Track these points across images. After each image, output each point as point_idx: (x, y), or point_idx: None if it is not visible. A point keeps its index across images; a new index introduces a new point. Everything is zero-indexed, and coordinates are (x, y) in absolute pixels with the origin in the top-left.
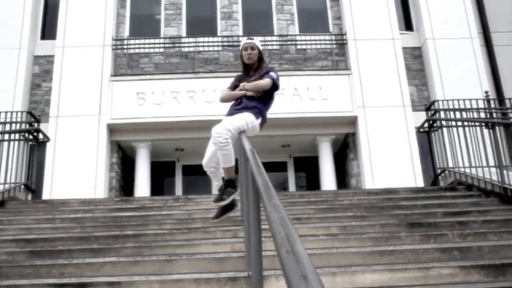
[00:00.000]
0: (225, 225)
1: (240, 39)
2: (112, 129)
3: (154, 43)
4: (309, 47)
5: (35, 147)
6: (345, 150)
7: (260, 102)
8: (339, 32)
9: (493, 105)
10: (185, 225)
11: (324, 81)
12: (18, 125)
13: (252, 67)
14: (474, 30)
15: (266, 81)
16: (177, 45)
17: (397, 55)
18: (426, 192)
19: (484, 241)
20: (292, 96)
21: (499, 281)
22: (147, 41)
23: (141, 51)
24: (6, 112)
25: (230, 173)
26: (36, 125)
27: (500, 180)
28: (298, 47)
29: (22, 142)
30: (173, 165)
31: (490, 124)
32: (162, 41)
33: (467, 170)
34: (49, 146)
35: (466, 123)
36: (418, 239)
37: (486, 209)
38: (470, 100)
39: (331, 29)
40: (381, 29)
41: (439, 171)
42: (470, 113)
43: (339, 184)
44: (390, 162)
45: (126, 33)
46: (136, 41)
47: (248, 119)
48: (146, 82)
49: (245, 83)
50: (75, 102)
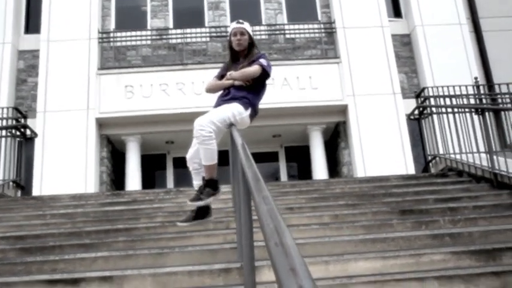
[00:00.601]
0: (217, 217)
1: (228, 30)
2: (101, 123)
3: (141, 35)
4: (297, 36)
5: (23, 143)
6: (336, 139)
7: (250, 91)
8: (328, 20)
9: (482, 91)
10: (177, 218)
11: (313, 70)
12: (4, 121)
13: (242, 54)
14: (463, 16)
15: (254, 68)
16: (164, 37)
17: (386, 42)
18: (417, 179)
19: (474, 226)
20: (282, 86)
21: (490, 266)
22: (133, 33)
23: (128, 43)
24: None
25: (212, 172)
26: (23, 121)
27: (490, 165)
28: (287, 36)
29: (10, 139)
30: (164, 158)
31: (479, 110)
32: (149, 33)
33: (458, 156)
34: (37, 141)
35: (456, 110)
36: (409, 226)
37: (477, 194)
38: (460, 86)
39: (319, 18)
40: (370, 17)
41: (429, 158)
42: (460, 100)
43: (331, 173)
44: (381, 150)
45: (112, 25)
46: (123, 34)
47: (235, 111)
48: (134, 75)
49: (232, 72)
50: (62, 97)
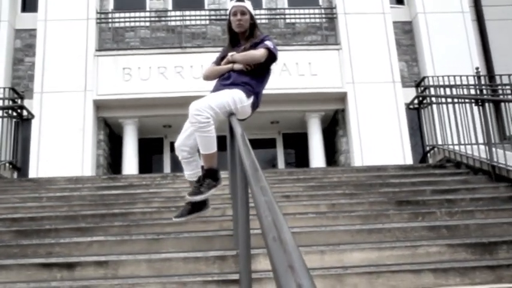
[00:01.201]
0: (213, 203)
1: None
2: (98, 106)
3: (139, 17)
4: (298, 21)
5: (20, 124)
6: (334, 126)
7: (253, 78)
8: (329, 5)
9: (483, 82)
10: (173, 203)
11: (313, 56)
12: (1, 101)
13: (242, 36)
14: (466, 3)
15: (260, 52)
16: (163, 19)
17: (387, 29)
18: (415, 170)
19: (471, 219)
20: (281, 71)
21: (485, 259)
22: (132, 14)
23: (127, 25)
24: None
25: (211, 161)
26: (19, 101)
27: (488, 157)
28: (287, 21)
29: (6, 119)
30: (161, 142)
31: (479, 101)
32: (147, 14)
33: (457, 147)
34: (34, 122)
35: (455, 100)
36: (406, 217)
37: (474, 186)
38: (460, 76)
39: (320, 3)
40: (371, 3)
41: (428, 149)
42: (460, 90)
43: (328, 161)
44: (379, 139)
45: (110, 6)
46: (121, 15)
47: (236, 97)
48: (132, 57)
49: (234, 53)
50: (59, 78)
